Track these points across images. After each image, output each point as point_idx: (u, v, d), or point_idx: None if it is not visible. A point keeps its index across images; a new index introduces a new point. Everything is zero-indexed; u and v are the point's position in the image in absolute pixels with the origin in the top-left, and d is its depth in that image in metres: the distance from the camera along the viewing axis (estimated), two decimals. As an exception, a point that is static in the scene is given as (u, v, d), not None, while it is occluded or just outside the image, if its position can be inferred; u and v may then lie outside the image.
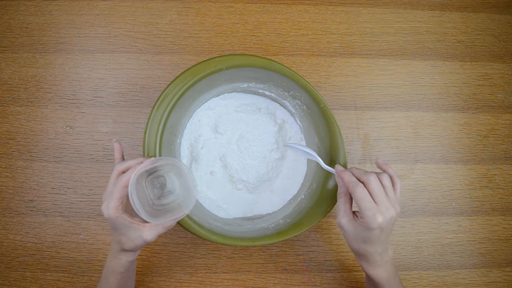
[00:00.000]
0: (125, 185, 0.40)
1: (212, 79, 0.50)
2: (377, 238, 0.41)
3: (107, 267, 0.44)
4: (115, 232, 0.42)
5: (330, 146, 0.50)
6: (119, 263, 0.43)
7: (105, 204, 0.40)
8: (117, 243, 0.42)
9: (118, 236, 0.42)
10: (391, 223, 0.41)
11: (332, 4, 0.65)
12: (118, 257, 0.43)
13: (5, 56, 0.60)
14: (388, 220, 0.40)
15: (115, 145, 0.45)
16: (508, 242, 0.60)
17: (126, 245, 0.42)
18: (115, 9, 0.62)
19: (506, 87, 0.65)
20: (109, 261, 0.44)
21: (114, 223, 0.41)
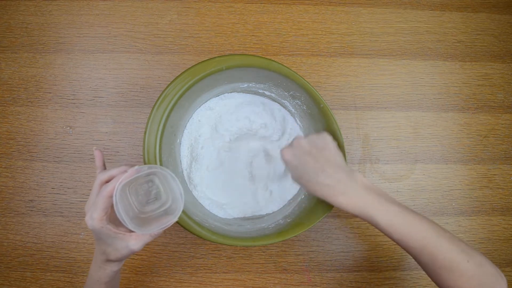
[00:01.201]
0: (109, 195, 0.38)
1: (212, 79, 0.50)
2: (300, 166, 0.43)
3: (91, 277, 0.43)
4: (100, 243, 0.40)
5: (330, 146, 0.50)
6: (104, 273, 0.41)
7: (88, 215, 0.38)
8: (102, 253, 0.40)
9: (103, 247, 0.40)
10: (303, 147, 0.43)
11: (332, 4, 0.65)
12: (103, 267, 0.41)
13: (5, 56, 0.60)
14: (295, 146, 0.43)
15: (96, 153, 0.43)
16: (508, 242, 0.60)
17: (112, 256, 0.40)
18: (115, 9, 0.62)
19: (506, 87, 0.65)
20: (93, 271, 0.42)
21: (98, 234, 0.39)
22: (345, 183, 0.41)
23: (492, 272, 0.38)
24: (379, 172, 0.61)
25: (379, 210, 0.40)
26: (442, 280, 0.39)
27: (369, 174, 0.61)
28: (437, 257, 0.39)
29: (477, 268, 0.38)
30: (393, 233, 0.40)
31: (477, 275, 0.38)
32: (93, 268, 0.42)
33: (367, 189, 0.41)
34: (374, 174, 0.61)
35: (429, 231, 0.39)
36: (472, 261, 0.38)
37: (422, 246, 0.39)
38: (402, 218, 0.40)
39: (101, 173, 0.41)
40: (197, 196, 0.55)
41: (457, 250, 0.39)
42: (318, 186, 0.42)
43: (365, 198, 0.41)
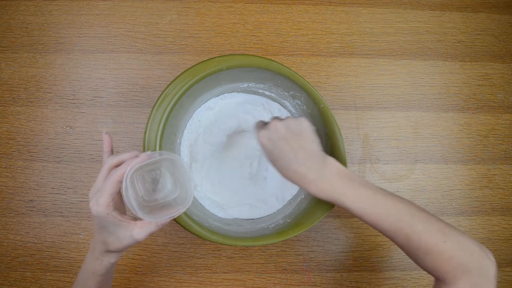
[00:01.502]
0: (118, 180, 0.37)
1: (212, 79, 0.50)
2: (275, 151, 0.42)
3: (86, 269, 0.41)
4: (101, 232, 0.39)
5: (330, 146, 0.50)
6: (100, 265, 0.40)
7: (93, 200, 0.37)
8: (102, 243, 0.39)
9: (104, 236, 0.38)
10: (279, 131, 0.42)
11: (332, 4, 0.65)
12: (101, 258, 0.40)
13: (5, 56, 0.60)
14: (272, 129, 0.42)
15: (105, 137, 0.42)
16: (508, 242, 0.60)
17: (113, 246, 0.38)
18: (115, 9, 0.62)
19: (506, 87, 0.65)
20: (89, 262, 0.41)
21: (102, 221, 0.38)
22: (316, 170, 0.41)
23: (474, 251, 0.36)
24: (379, 172, 0.61)
25: (350, 195, 0.40)
26: (421, 261, 0.39)
27: (369, 174, 0.61)
28: (412, 238, 0.38)
29: (456, 248, 0.37)
30: (366, 217, 0.39)
31: (457, 255, 0.36)
32: (89, 260, 0.41)
33: (339, 175, 0.41)
34: (374, 174, 0.61)
35: (403, 213, 0.38)
36: (450, 241, 0.37)
37: (396, 228, 0.38)
38: (375, 201, 0.39)
39: (110, 157, 0.39)
40: (197, 196, 0.55)
41: (432, 230, 0.38)
42: (291, 173, 0.41)
43: (336, 184, 0.40)
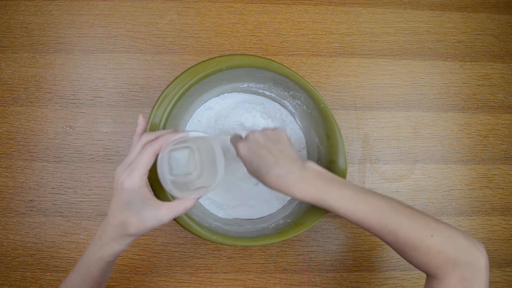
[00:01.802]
0: (155, 151, 0.36)
1: (212, 79, 0.50)
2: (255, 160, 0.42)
3: (91, 254, 0.39)
4: (123, 211, 0.37)
5: (330, 146, 0.50)
6: (110, 251, 0.38)
7: (126, 173, 0.36)
8: (120, 225, 0.37)
9: (126, 216, 0.37)
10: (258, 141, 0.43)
11: (332, 4, 0.65)
12: (111, 244, 0.38)
13: (5, 56, 0.60)
14: (251, 140, 0.43)
15: (140, 120, 0.41)
16: (508, 242, 0.60)
17: (133, 227, 0.37)
18: (115, 9, 0.62)
19: (506, 87, 0.65)
20: (96, 248, 0.39)
21: (130, 197, 0.36)
22: (298, 172, 0.41)
23: (463, 244, 0.36)
24: (379, 172, 0.61)
25: (332, 195, 0.40)
26: (410, 258, 0.38)
27: (369, 174, 0.61)
28: (398, 235, 0.37)
29: (443, 242, 0.36)
30: (351, 216, 0.39)
31: (445, 249, 0.36)
32: (96, 244, 0.39)
33: (320, 176, 0.41)
34: (374, 174, 0.61)
35: (387, 210, 0.38)
36: (437, 235, 0.36)
37: (381, 225, 0.38)
38: (357, 200, 0.39)
39: (146, 134, 0.39)
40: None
41: (419, 226, 0.37)
42: (272, 178, 0.41)
43: (318, 185, 0.40)
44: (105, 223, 0.39)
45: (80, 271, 0.39)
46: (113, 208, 0.38)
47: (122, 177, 0.37)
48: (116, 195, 0.38)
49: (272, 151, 0.42)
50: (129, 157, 0.38)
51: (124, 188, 0.36)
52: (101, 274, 0.40)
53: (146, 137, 0.39)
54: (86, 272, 0.39)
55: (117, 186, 0.38)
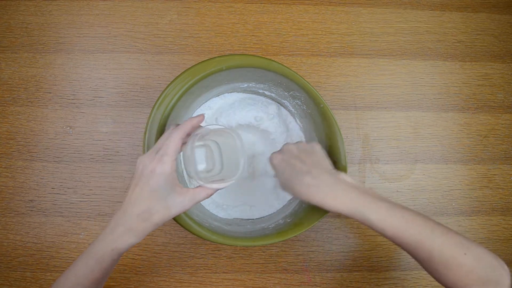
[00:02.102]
0: (180, 137, 0.37)
1: (212, 79, 0.50)
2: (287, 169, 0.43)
3: (103, 246, 0.38)
4: (150, 198, 0.37)
5: (330, 146, 0.50)
6: (125, 243, 0.37)
7: (157, 158, 0.36)
8: (143, 213, 0.37)
9: (152, 203, 0.37)
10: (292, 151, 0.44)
11: (332, 4, 0.65)
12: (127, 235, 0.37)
13: (5, 56, 0.60)
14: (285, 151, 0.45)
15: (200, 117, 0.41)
16: (508, 242, 0.60)
17: (158, 215, 0.37)
18: (115, 9, 0.62)
19: (506, 87, 0.65)
20: (108, 240, 0.38)
21: (160, 184, 0.36)
22: (331, 183, 0.41)
23: (492, 264, 0.37)
24: (379, 172, 0.61)
25: (370, 207, 0.39)
26: (441, 276, 0.38)
27: (369, 174, 0.61)
28: (433, 252, 0.37)
29: (475, 261, 0.37)
30: (387, 230, 0.39)
31: (476, 269, 0.36)
32: (108, 237, 0.38)
33: (354, 187, 0.41)
34: (374, 174, 0.61)
35: (423, 226, 0.38)
36: (470, 254, 0.37)
37: (416, 241, 0.38)
38: (394, 214, 0.39)
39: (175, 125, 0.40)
40: None
41: (453, 243, 0.37)
42: (304, 187, 0.41)
43: (353, 197, 0.40)
44: (120, 215, 0.38)
45: (88, 262, 0.38)
46: (134, 197, 0.37)
47: (152, 163, 0.37)
48: (141, 183, 0.37)
49: (305, 161, 0.43)
50: (156, 145, 0.39)
51: (156, 174, 0.36)
52: (110, 266, 0.39)
53: (173, 126, 0.40)
54: (95, 263, 0.38)
55: (144, 173, 0.37)
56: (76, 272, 0.39)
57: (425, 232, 0.38)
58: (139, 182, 0.37)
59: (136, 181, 0.38)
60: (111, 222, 0.38)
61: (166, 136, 0.39)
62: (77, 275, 0.38)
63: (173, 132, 0.38)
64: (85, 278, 0.38)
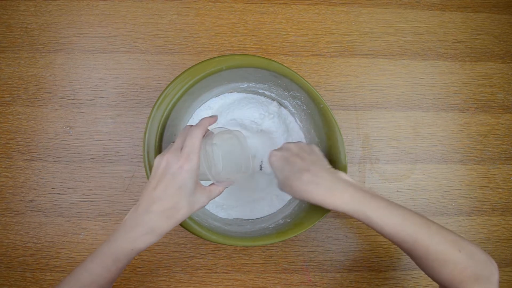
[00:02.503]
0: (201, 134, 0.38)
1: (212, 79, 0.50)
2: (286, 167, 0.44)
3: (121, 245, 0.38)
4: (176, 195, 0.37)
5: (330, 146, 0.50)
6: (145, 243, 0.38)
7: (184, 156, 0.37)
8: (167, 210, 0.37)
9: (177, 200, 0.37)
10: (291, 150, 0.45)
11: (332, 4, 0.65)
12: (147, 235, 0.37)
13: (5, 56, 0.60)
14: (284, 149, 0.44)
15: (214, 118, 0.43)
16: (508, 242, 0.60)
17: (183, 211, 0.38)
18: (115, 9, 0.62)
19: (506, 87, 0.65)
20: (127, 239, 0.38)
21: (186, 181, 0.37)
22: (330, 181, 0.41)
23: (484, 260, 0.38)
24: (379, 172, 0.61)
25: (369, 205, 0.40)
26: (436, 273, 0.39)
27: (369, 174, 0.61)
28: (429, 249, 0.38)
29: (469, 258, 0.38)
30: (386, 228, 0.39)
31: (470, 265, 0.38)
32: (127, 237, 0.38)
33: (352, 186, 0.41)
34: (374, 174, 0.61)
35: (420, 224, 0.39)
36: (464, 251, 0.38)
37: (414, 240, 0.39)
38: (392, 211, 0.40)
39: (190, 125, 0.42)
40: None
41: (448, 241, 0.39)
42: (303, 185, 0.41)
43: (353, 195, 0.40)
44: (140, 213, 0.38)
45: (104, 261, 0.38)
46: (158, 194, 0.38)
47: (180, 161, 0.37)
48: (166, 180, 0.38)
49: (304, 158, 0.43)
50: (176, 143, 0.39)
51: (184, 170, 0.37)
52: (126, 265, 0.39)
53: (189, 125, 0.41)
54: (112, 262, 0.38)
55: (170, 170, 0.37)
56: (91, 271, 0.38)
57: (422, 230, 0.39)
58: (163, 179, 0.38)
59: (159, 179, 0.38)
60: (129, 221, 0.38)
61: (185, 134, 0.39)
62: (92, 274, 0.38)
63: (194, 130, 0.39)
64: (100, 276, 0.38)
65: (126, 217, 0.39)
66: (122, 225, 0.39)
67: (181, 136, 0.40)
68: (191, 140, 0.38)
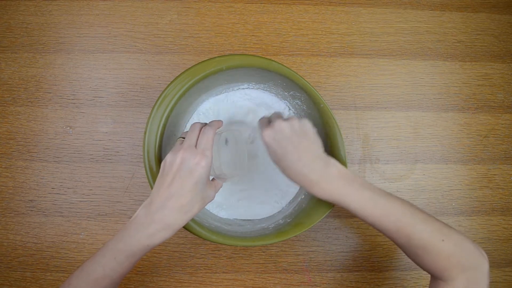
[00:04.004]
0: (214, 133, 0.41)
1: (212, 79, 0.50)
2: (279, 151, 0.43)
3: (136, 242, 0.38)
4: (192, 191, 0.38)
5: (330, 146, 0.50)
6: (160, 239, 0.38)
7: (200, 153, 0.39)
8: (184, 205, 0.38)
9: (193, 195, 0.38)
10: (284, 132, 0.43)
11: (332, 4, 0.65)
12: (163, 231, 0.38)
13: (5, 56, 0.60)
14: (277, 129, 0.42)
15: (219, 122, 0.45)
16: (508, 242, 0.60)
17: (198, 205, 0.40)
18: (115, 9, 0.62)
19: (506, 87, 0.65)
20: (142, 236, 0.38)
21: (201, 177, 0.38)
22: (319, 171, 0.42)
23: (471, 250, 0.39)
24: (379, 172, 0.61)
25: (351, 196, 0.41)
26: (420, 260, 0.40)
27: (369, 174, 0.61)
28: (412, 237, 0.39)
29: (454, 247, 0.38)
30: (367, 217, 0.41)
31: (454, 254, 0.38)
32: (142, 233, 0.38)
33: (341, 176, 0.42)
34: (374, 174, 0.61)
35: (403, 213, 0.40)
36: (448, 240, 0.38)
37: (396, 228, 0.40)
38: (375, 202, 0.41)
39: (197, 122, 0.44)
40: None
41: (431, 230, 0.39)
42: (294, 173, 0.43)
43: (338, 186, 0.41)
44: (155, 209, 0.38)
45: (117, 257, 0.39)
46: (174, 191, 0.38)
47: (197, 157, 0.38)
48: (182, 176, 0.38)
49: (296, 144, 0.43)
50: (189, 140, 0.40)
51: (201, 166, 0.38)
52: (139, 259, 0.40)
53: (198, 123, 0.43)
54: (125, 257, 0.39)
55: (186, 166, 0.38)
56: (104, 265, 0.39)
57: (405, 219, 0.40)
58: (179, 175, 0.39)
59: (174, 175, 0.39)
60: (143, 218, 0.39)
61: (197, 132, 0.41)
62: (105, 268, 0.39)
63: (207, 130, 0.41)
64: (113, 271, 0.39)
65: (138, 213, 0.40)
66: (134, 221, 0.39)
67: (192, 133, 0.41)
68: (206, 137, 0.40)
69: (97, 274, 0.39)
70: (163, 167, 0.40)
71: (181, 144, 0.41)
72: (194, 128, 0.42)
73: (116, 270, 0.39)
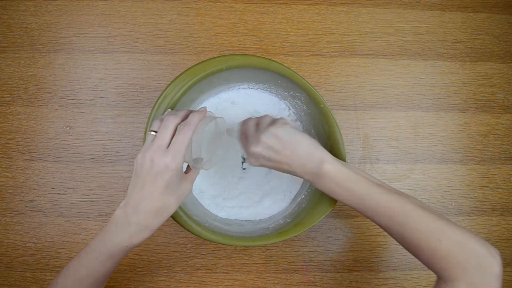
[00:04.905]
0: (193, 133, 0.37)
1: (212, 79, 0.50)
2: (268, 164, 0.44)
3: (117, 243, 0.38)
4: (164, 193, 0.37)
5: (330, 146, 0.50)
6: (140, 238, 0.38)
7: (170, 155, 0.36)
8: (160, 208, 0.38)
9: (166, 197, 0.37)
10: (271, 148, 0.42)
11: (332, 4, 0.65)
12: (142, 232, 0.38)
13: (5, 56, 0.60)
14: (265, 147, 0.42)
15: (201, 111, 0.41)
16: (508, 242, 0.60)
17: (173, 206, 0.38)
18: (115, 9, 0.62)
19: (506, 87, 0.65)
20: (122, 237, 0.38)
21: (172, 178, 0.37)
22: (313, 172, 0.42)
23: (473, 250, 0.36)
24: (379, 172, 0.61)
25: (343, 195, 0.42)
26: (417, 257, 0.40)
27: (369, 174, 0.61)
28: (404, 236, 0.39)
29: (452, 246, 0.36)
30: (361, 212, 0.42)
31: (453, 254, 0.36)
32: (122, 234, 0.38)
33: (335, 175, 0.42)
34: (374, 174, 0.61)
35: (395, 211, 0.40)
36: (446, 239, 0.37)
37: (387, 225, 0.40)
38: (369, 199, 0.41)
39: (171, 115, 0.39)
40: (197, 196, 0.55)
41: (426, 229, 0.38)
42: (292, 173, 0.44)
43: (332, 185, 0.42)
44: (130, 214, 0.38)
45: (98, 257, 0.39)
46: (147, 194, 0.37)
47: (166, 160, 0.36)
48: (153, 180, 0.37)
49: (287, 153, 0.42)
50: (160, 139, 0.37)
51: (170, 169, 0.36)
52: (121, 259, 0.41)
53: (173, 118, 0.38)
54: (106, 258, 0.39)
55: (157, 170, 0.37)
56: (87, 265, 0.40)
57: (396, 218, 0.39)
58: (148, 179, 0.37)
59: (144, 178, 0.37)
60: (120, 219, 0.38)
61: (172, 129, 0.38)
62: (88, 268, 0.40)
63: (186, 131, 0.37)
64: (96, 270, 0.40)
65: (116, 213, 0.39)
66: (113, 222, 0.39)
67: (165, 132, 0.38)
68: (181, 139, 0.37)
69: (81, 274, 0.40)
70: (135, 167, 0.38)
71: (152, 141, 0.38)
72: (167, 124, 0.38)
73: (99, 269, 0.40)
